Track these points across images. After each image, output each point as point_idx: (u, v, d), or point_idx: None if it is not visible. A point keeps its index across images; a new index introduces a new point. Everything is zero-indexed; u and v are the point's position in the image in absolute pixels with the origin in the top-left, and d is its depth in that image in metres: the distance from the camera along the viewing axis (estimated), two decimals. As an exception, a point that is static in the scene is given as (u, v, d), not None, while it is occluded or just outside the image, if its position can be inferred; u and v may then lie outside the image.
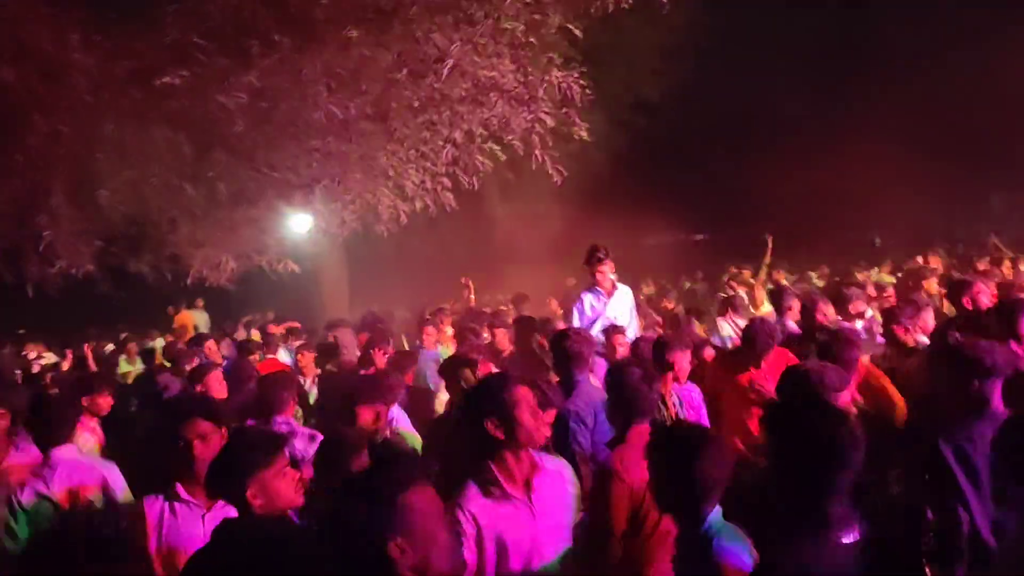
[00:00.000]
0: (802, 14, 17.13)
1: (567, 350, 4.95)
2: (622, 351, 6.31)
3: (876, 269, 13.72)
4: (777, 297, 7.48)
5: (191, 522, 3.36)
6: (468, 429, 2.95)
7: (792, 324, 6.81)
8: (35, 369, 11.35)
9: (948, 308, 7.32)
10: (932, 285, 9.29)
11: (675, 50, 16.16)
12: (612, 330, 6.65)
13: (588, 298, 7.39)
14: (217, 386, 6.12)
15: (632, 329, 7.18)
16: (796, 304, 6.93)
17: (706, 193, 20.32)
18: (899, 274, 12.29)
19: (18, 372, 10.99)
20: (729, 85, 17.96)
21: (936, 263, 11.75)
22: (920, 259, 12.57)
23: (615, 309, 7.22)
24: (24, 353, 13.20)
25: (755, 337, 5.47)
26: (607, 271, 7.21)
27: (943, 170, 16.01)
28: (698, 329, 8.83)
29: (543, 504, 2.91)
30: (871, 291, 9.01)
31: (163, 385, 6.95)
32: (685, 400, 5.28)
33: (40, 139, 7.28)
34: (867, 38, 17.65)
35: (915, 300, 6.70)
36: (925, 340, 5.99)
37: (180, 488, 3.41)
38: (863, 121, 17.55)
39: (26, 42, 6.82)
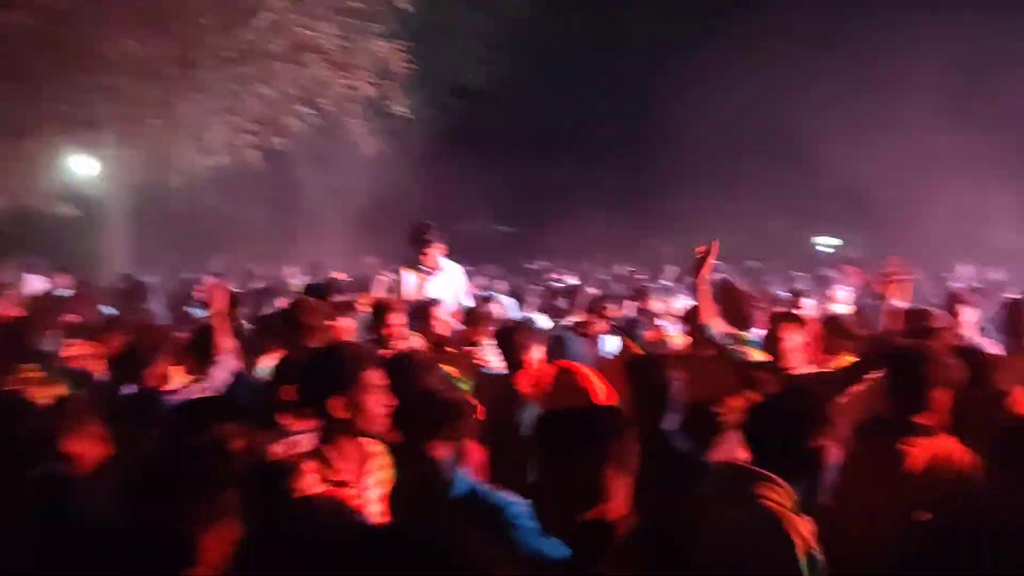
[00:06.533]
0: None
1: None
2: (438, 327, 6.01)
3: None
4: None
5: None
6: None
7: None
8: None
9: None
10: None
11: (501, 41, 16.22)
12: (429, 304, 6.34)
13: (409, 277, 7.14)
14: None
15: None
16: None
17: (514, 186, 20.60)
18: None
19: None
20: (547, 83, 18.33)
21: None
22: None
23: (441, 288, 6.90)
24: None
25: None
26: (433, 253, 6.92)
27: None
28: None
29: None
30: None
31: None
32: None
33: None
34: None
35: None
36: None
37: None
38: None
39: None
